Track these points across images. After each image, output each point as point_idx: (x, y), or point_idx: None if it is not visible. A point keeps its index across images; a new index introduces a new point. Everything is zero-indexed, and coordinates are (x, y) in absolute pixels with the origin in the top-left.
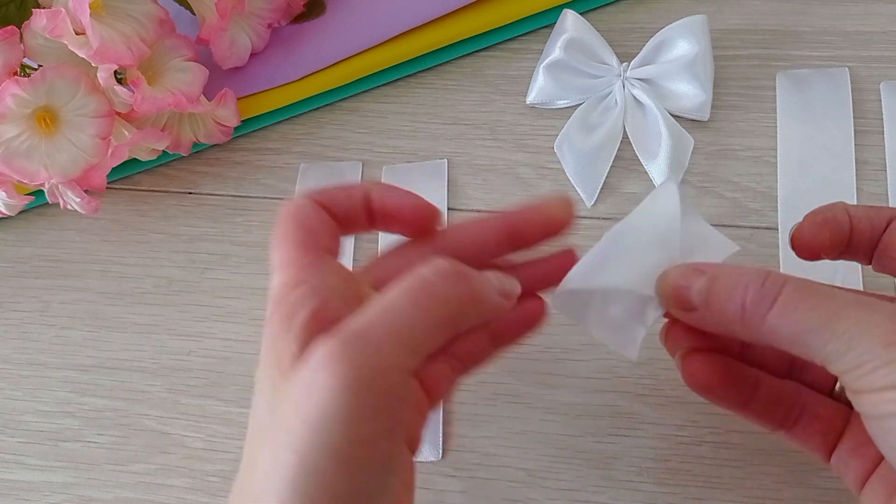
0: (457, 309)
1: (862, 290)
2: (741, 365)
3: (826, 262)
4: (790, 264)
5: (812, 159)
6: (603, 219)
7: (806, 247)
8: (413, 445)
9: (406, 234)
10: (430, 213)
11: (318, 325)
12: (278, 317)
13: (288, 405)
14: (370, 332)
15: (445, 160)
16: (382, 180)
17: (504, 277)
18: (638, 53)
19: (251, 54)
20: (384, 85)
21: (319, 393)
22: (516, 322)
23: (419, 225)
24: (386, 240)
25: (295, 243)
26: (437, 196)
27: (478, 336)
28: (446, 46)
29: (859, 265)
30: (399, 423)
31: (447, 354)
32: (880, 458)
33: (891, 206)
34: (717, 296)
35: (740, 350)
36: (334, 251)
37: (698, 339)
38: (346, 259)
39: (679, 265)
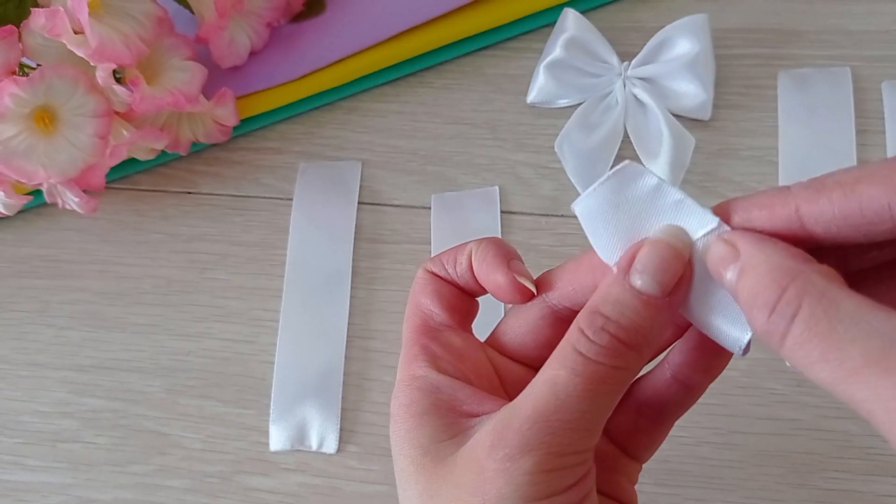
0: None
1: None
2: None
3: None
4: None
5: (814, 159)
6: None
7: None
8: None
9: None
10: (523, 295)
11: (453, 410)
12: (403, 408)
13: (458, 489)
14: (545, 420)
15: (496, 187)
16: (431, 210)
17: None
18: (639, 52)
19: (250, 53)
20: (384, 84)
21: (496, 479)
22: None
23: (511, 301)
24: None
25: (411, 326)
26: (490, 227)
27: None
28: (446, 45)
29: None
30: (583, 499)
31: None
32: None
33: None
34: (743, 298)
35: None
36: (462, 316)
37: None
38: (346, 257)
39: (719, 239)
